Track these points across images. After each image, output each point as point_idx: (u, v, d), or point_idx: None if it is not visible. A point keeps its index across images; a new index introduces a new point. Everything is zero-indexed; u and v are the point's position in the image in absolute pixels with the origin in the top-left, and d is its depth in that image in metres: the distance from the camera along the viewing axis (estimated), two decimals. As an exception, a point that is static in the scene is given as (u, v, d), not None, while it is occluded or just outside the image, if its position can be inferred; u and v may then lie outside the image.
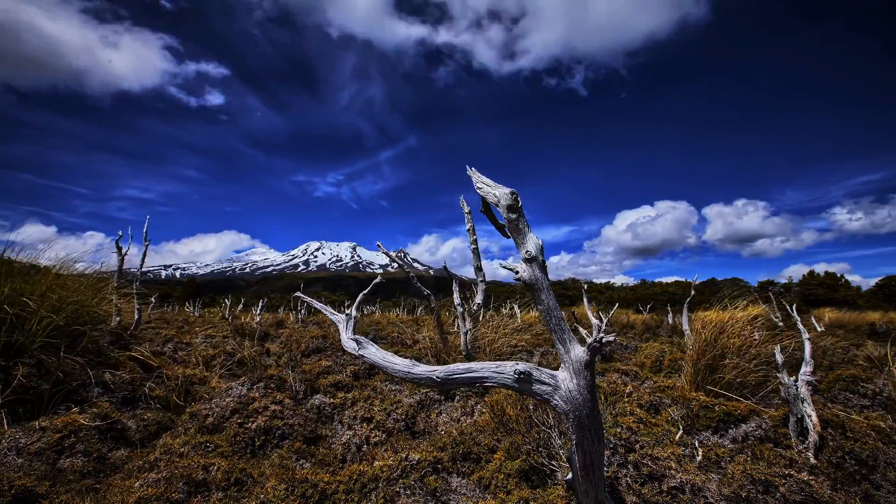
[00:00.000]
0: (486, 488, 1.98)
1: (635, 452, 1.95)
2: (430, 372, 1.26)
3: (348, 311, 1.93)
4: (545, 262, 1.19)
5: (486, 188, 1.26)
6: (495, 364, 1.20)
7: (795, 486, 1.78)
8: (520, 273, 1.20)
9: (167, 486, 2.21)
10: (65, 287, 3.66)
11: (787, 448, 2.66)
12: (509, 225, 1.22)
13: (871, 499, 2.40)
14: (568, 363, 1.15)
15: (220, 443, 2.93)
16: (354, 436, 3.09)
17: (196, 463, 2.46)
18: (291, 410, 3.32)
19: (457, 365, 1.24)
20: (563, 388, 1.14)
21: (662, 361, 5.59)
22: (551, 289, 1.18)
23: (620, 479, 1.81)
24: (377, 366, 1.46)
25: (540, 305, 1.19)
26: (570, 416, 1.12)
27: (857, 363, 5.85)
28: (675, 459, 1.91)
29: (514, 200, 1.21)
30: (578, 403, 1.11)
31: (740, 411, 2.92)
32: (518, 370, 1.15)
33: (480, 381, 1.20)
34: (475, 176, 1.30)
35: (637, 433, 2.20)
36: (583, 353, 1.13)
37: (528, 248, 1.19)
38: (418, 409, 3.42)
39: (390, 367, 1.40)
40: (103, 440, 3.02)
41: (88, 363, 3.64)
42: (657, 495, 1.71)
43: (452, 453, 2.40)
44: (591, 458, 1.15)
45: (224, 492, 2.21)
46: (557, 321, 1.18)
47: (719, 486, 1.74)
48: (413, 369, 1.33)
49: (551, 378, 1.16)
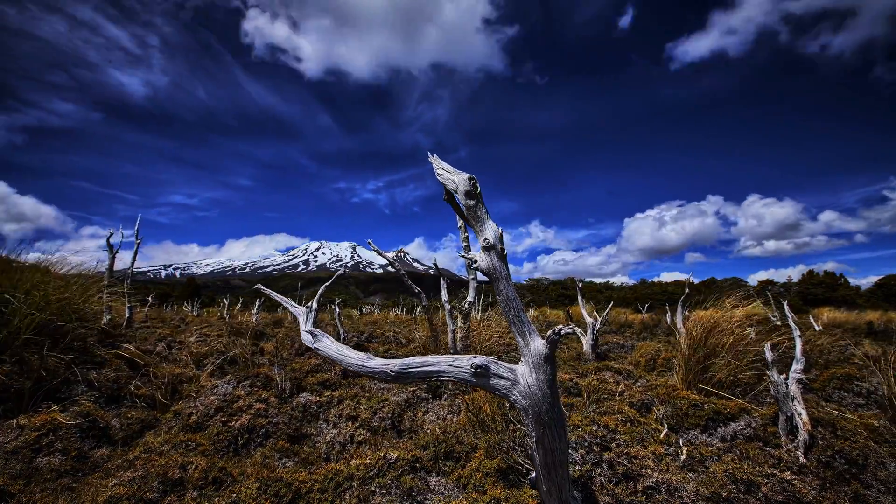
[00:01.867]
0: (465, 487, 1.94)
1: (610, 451, 1.91)
2: (385, 366, 1.22)
3: (309, 304, 1.89)
4: (504, 251, 1.15)
5: (446, 174, 1.21)
6: (452, 357, 1.15)
7: (778, 485, 1.73)
8: (478, 262, 1.15)
9: (142, 484, 2.17)
10: (50, 284, 3.62)
11: (776, 447, 2.61)
12: (468, 212, 1.17)
13: (861, 499, 2.36)
14: (528, 357, 1.10)
15: (201, 441, 2.89)
16: (339, 434, 3.05)
17: (174, 462, 2.41)
18: (276, 409, 3.28)
19: (413, 358, 1.19)
20: (523, 383, 1.09)
21: (656, 360, 5.55)
22: (510, 279, 1.13)
23: (594, 478, 1.77)
24: (332, 359, 1.42)
25: (499, 295, 1.15)
26: (530, 412, 1.08)
27: (853, 362, 5.80)
28: (653, 458, 1.86)
29: (472, 186, 1.16)
30: (538, 399, 1.07)
31: (730, 410, 2.88)
32: (475, 364, 1.11)
33: (436, 375, 1.16)
34: (436, 162, 1.25)
35: (615, 431, 2.16)
36: (542, 346, 1.08)
37: (487, 236, 1.14)
38: (405, 408, 3.37)
39: (345, 360, 1.36)
40: (84, 439, 2.98)
41: (73, 361, 3.60)
42: (631, 495, 1.66)
43: (434, 452, 2.36)
44: (553, 456, 1.11)
45: (199, 491, 2.17)
46: (517, 312, 1.13)
47: (697, 486, 1.69)
48: (367, 363, 1.28)
49: (510, 372, 1.12)
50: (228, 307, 20.36)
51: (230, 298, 24.01)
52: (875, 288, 30.26)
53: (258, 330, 10.35)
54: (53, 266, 4.48)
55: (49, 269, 3.98)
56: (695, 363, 3.99)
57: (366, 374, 1.27)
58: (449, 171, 1.21)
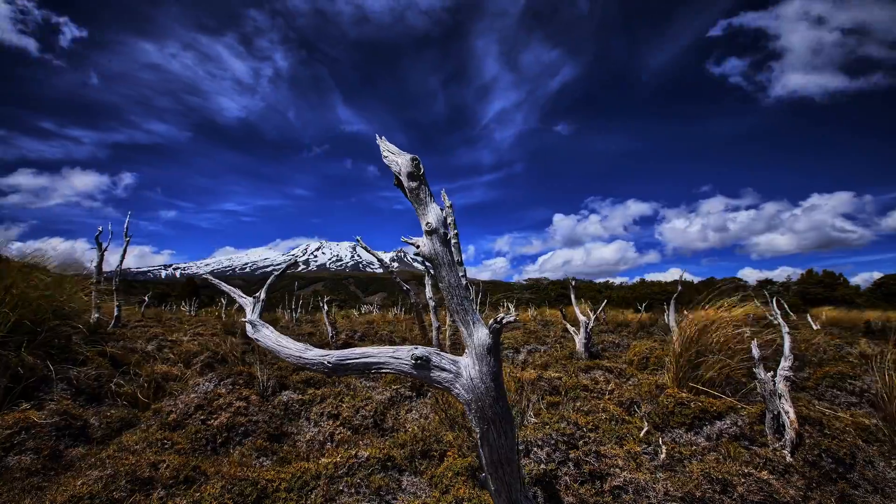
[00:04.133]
0: (436, 486, 1.89)
1: (578, 449, 1.85)
2: (323, 357, 1.17)
3: (258, 294, 1.84)
4: (448, 235, 1.09)
5: (391, 156, 1.16)
6: (392, 349, 1.10)
7: (755, 485, 1.68)
8: (420, 247, 1.10)
9: (109, 483, 2.12)
10: (28, 282, 3.57)
11: (762, 446, 2.56)
12: (410, 194, 1.12)
13: (847, 499, 2.30)
14: (471, 347, 1.05)
15: (178, 440, 2.84)
16: (319, 433, 3.00)
17: (146, 460, 2.37)
18: (257, 407, 3.23)
19: (351, 350, 1.14)
20: (465, 376, 1.04)
21: (649, 359, 5.49)
22: (455, 264, 1.08)
23: (560, 477, 1.71)
24: (271, 350, 1.37)
25: (441, 283, 1.09)
26: (473, 406, 1.02)
27: (848, 360, 5.74)
28: (623, 458, 1.81)
29: (414, 167, 1.11)
30: (481, 392, 1.01)
31: (717, 408, 2.82)
32: (415, 354, 1.05)
33: (376, 366, 1.10)
34: (383, 144, 1.20)
35: (584, 429, 2.10)
36: (486, 336, 1.03)
37: (429, 220, 1.09)
38: (388, 406, 3.32)
39: (283, 351, 1.30)
40: (60, 437, 2.93)
41: (53, 359, 3.55)
42: (596, 495, 1.60)
43: (411, 450, 2.30)
44: (499, 453, 1.05)
45: (167, 490, 2.12)
46: (460, 300, 1.07)
47: (668, 486, 1.64)
48: (305, 354, 1.23)
49: (453, 364, 1.06)
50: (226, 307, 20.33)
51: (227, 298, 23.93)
52: (874, 287, 30.13)
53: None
54: (39, 262, 4.43)
55: (29, 266, 3.93)
56: (685, 361, 3.93)
57: (303, 366, 1.22)
58: (394, 153, 1.16)
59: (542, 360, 5.63)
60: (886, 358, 3.59)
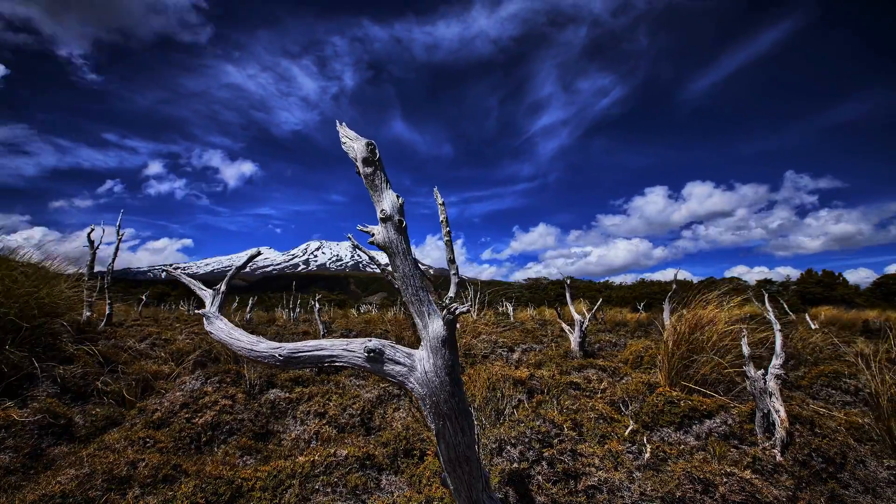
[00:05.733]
0: (413, 486, 1.85)
1: (552, 448, 1.81)
2: (274, 349, 1.13)
3: (218, 286, 1.80)
4: (403, 223, 1.06)
5: (349, 142, 1.12)
6: (346, 341, 1.06)
7: (737, 485, 1.64)
8: (375, 235, 1.06)
9: (84, 482, 2.08)
10: (11, 277, 3.53)
11: (751, 445, 2.52)
12: (366, 181, 1.08)
13: (837, 498, 2.26)
14: (426, 340, 1.01)
15: (161, 438, 2.81)
16: (305, 431, 2.97)
17: (125, 459, 2.33)
18: (243, 405, 3.20)
19: (304, 343, 1.11)
20: (420, 370, 1.00)
21: (643, 358, 5.45)
22: (409, 252, 1.04)
23: (532, 476, 1.67)
24: (224, 343, 1.33)
25: (395, 272, 1.06)
26: (427, 401, 0.99)
27: (844, 359, 5.70)
28: (600, 457, 1.77)
29: (370, 152, 1.07)
30: (435, 387, 0.97)
31: (706, 407, 2.78)
32: (368, 347, 1.02)
33: (329, 359, 1.06)
34: (342, 130, 1.16)
35: (560, 427, 2.06)
36: (441, 327, 0.99)
37: (384, 207, 1.05)
38: (376, 405, 3.29)
39: (235, 343, 1.27)
40: (43, 435, 2.89)
41: (38, 356, 3.52)
42: (569, 495, 1.56)
43: (394, 449, 2.27)
44: (456, 451, 1.01)
45: (143, 489, 2.09)
46: (415, 290, 1.04)
47: (645, 486, 1.60)
48: (256, 346, 1.19)
49: (407, 357, 1.02)
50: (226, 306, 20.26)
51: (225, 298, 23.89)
52: (874, 287, 30.05)
53: (249, 328, 10.27)
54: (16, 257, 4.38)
55: (12, 261, 3.89)
56: (677, 360, 3.90)
57: (255, 359, 1.18)
58: (351, 139, 1.12)
59: (537, 359, 5.59)
60: (879, 356, 3.56)
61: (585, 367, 4.93)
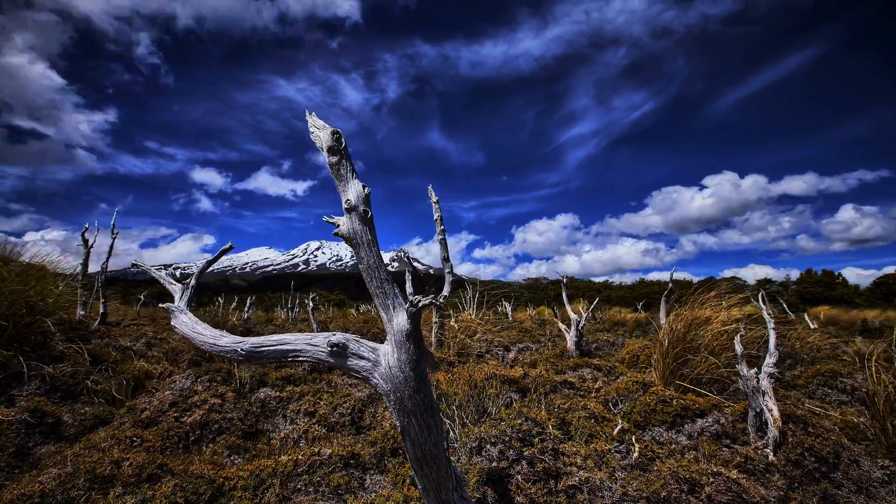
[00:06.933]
0: (396, 485, 1.82)
1: (533, 447, 1.78)
2: (237, 343, 1.11)
3: (188, 280, 1.77)
4: (369, 213, 1.03)
5: (316, 131, 1.10)
6: (310, 335, 1.04)
7: (723, 485, 1.61)
8: (340, 227, 1.04)
9: (66, 481, 2.06)
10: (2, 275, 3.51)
11: (743, 444, 2.49)
12: (332, 170, 1.06)
13: (830, 499, 2.23)
14: (391, 333, 0.99)
15: (149, 437, 2.78)
16: (294, 430, 2.94)
17: (109, 458, 2.30)
18: (233, 404, 3.17)
19: (267, 337, 1.08)
20: (384, 364, 0.97)
21: (639, 356, 5.42)
22: (375, 244, 1.02)
23: (512, 476, 1.64)
24: (187, 337, 1.30)
25: (360, 264, 1.03)
26: (391, 397, 0.96)
27: (842, 359, 5.67)
28: (582, 456, 1.74)
29: (335, 141, 1.04)
30: (399, 382, 0.95)
31: (699, 406, 2.75)
32: (331, 341, 0.99)
33: (292, 354, 1.04)
34: (311, 120, 1.13)
35: (542, 425, 2.03)
36: (405, 321, 0.97)
37: (349, 197, 1.02)
38: (367, 404, 3.26)
39: (198, 338, 1.24)
40: (30, 434, 2.87)
41: (26, 355, 3.49)
42: (548, 495, 1.53)
43: (381, 448, 2.24)
44: (423, 449, 0.98)
45: (126, 488, 2.06)
46: (380, 283, 1.01)
47: (627, 486, 1.57)
48: (219, 341, 1.17)
49: (371, 352, 1.00)
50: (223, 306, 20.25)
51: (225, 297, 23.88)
52: (874, 287, 29.99)
53: (247, 327, 10.24)
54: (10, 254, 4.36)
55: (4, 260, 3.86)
56: (672, 359, 3.87)
57: (217, 353, 1.15)
58: (318, 128, 1.09)
59: (532, 359, 5.56)
60: (876, 356, 3.52)
61: (581, 367, 4.90)
